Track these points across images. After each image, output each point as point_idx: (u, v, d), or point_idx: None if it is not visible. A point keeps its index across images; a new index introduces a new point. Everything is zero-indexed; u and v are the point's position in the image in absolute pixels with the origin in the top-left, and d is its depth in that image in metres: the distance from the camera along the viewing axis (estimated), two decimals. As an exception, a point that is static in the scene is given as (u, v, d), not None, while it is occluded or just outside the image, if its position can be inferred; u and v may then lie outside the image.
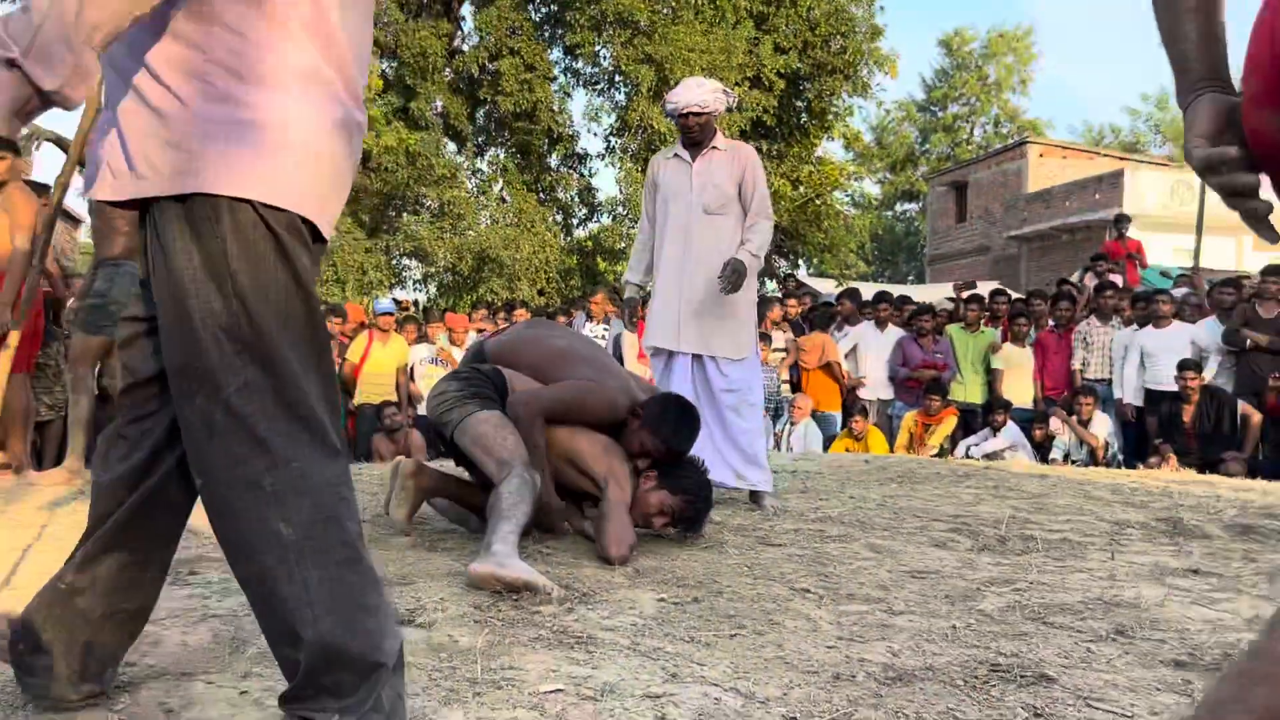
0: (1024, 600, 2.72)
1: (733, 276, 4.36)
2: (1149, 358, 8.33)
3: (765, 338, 9.90)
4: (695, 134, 4.60)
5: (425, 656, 2.17)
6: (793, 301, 10.70)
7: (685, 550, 3.40)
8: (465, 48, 17.54)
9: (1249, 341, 7.87)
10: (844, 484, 5.32)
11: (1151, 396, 8.35)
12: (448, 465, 4.08)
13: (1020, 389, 9.13)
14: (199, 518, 3.80)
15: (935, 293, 13.98)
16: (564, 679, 2.00)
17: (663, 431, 3.48)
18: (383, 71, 16.48)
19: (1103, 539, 3.72)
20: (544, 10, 18.01)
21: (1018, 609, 2.64)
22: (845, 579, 2.98)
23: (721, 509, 4.34)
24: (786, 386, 9.84)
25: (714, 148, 4.61)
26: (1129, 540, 3.70)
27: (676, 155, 4.72)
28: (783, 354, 10.11)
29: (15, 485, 4.58)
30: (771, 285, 17.06)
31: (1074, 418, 8.49)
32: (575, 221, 18.96)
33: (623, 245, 17.75)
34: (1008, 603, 2.70)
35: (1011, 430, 8.56)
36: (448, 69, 16.83)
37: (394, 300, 11.37)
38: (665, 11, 16.16)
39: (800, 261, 20.46)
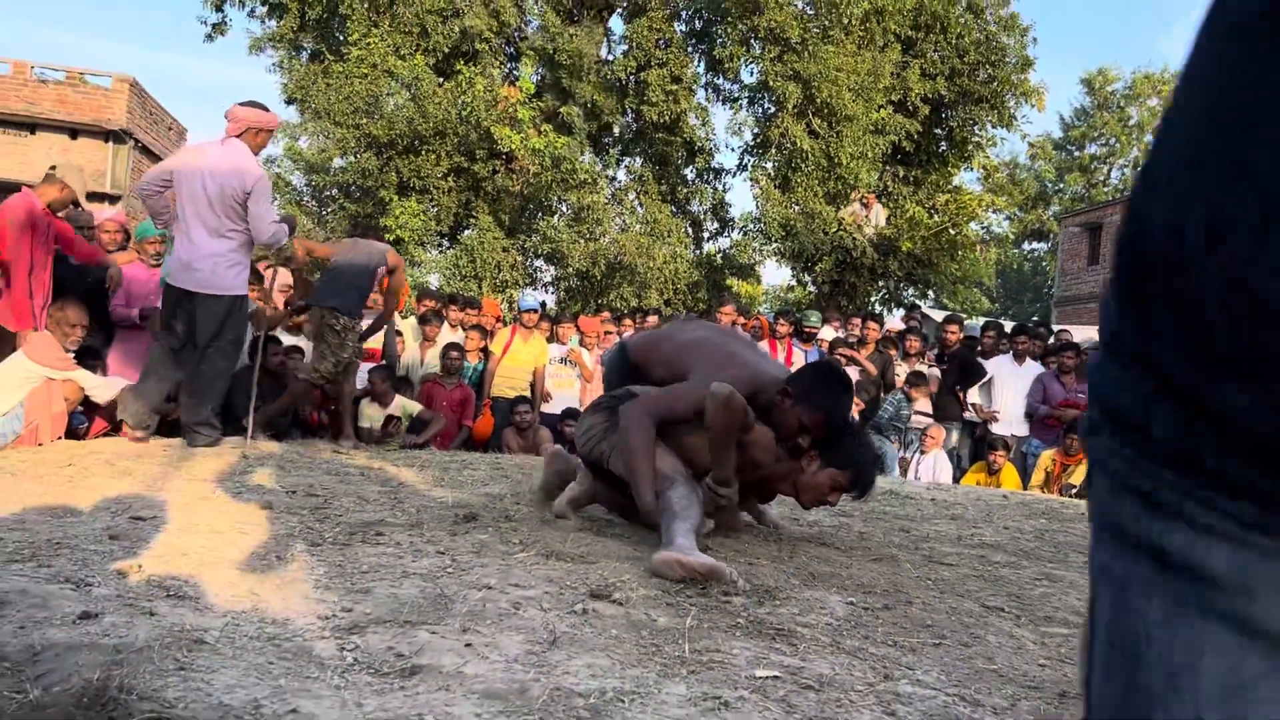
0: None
1: None
2: None
3: (918, 376, 9.60)
4: None
5: (626, 631, 2.17)
6: (914, 340, 9.82)
7: (856, 560, 3.34)
8: (612, 57, 17.74)
9: None
10: (990, 515, 5.17)
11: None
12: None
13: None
14: (368, 486, 3.89)
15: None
16: (777, 667, 1.98)
17: (817, 402, 3.31)
18: (535, 73, 16.78)
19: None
20: (693, 23, 18.10)
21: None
22: (1036, 601, 2.89)
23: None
24: (919, 417, 9.62)
25: None
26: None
27: None
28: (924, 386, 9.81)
29: None
30: (898, 313, 16.72)
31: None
32: (706, 235, 18.95)
33: (756, 261, 17.73)
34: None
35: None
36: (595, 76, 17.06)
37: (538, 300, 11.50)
38: (816, 30, 16.07)
39: (930, 292, 20.04)
